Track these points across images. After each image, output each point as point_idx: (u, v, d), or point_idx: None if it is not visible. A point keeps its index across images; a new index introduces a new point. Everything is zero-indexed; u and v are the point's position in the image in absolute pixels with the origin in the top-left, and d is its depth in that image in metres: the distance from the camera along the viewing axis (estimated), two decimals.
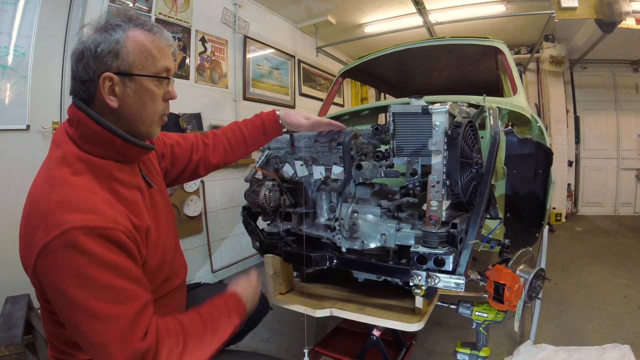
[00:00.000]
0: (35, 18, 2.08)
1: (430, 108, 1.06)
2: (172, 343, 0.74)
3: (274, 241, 1.41)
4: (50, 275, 0.65)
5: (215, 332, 0.84)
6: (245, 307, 0.96)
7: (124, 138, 0.78)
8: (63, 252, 0.64)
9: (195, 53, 2.98)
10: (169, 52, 0.84)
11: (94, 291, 0.65)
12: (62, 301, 0.66)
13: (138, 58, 0.77)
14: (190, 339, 0.78)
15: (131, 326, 0.68)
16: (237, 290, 0.98)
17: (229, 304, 0.92)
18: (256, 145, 1.29)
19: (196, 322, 0.82)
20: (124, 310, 0.67)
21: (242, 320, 0.94)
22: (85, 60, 0.74)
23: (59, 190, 0.68)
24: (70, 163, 0.73)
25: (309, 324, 2.10)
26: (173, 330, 0.77)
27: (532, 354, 1.64)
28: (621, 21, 3.05)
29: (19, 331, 1.46)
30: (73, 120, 0.77)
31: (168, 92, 0.84)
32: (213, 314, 0.87)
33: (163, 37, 0.82)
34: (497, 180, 1.47)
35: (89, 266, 0.65)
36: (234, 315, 0.91)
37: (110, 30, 0.76)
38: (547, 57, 4.83)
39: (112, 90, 0.76)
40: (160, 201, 0.95)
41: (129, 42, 0.76)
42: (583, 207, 5.45)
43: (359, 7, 3.92)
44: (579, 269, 3.07)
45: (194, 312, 0.85)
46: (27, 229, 0.69)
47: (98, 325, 0.65)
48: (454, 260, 1.00)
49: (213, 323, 0.85)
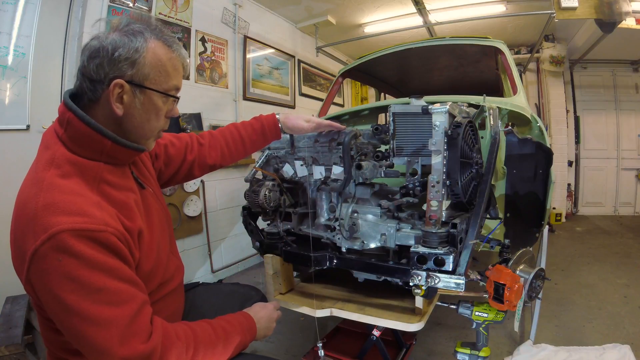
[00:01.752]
0: (35, 18, 2.09)
1: (430, 108, 1.06)
2: (182, 347, 0.73)
3: (274, 241, 1.41)
4: (42, 281, 0.64)
5: (227, 345, 0.84)
6: (256, 331, 0.96)
7: (113, 140, 0.76)
8: (52, 256, 0.62)
9: (195, 53, 2.98)
10: (182, 71, 0.83)
11: (87, 295, 0.64)
12: (57, 307, 0.65)
13: (153, 72, 0.76)
14: (202, 347, 0.77)
15: (130, 328, 0.67)
16: (252, 314, 0.98)
17: (242, 323, 0.92)
18: (254, 148, 1.27)
19: (208, 332, 0.82)
20: (121, 312, 0.66)
21: (250, 342, 0.94)
22: (100, 60, 0.72)
23: (46, 193, 0.66)
24: (58, 165, 0.71)
25: (308, 324, 2.10)
26: (183, 335, 0.76)
27: (532, 354, 1.64)
28: (621, 21, 3.06)
29: (19, 331, 1.46)
30: (62, 120, 0.75)
31: (171, 109, 0.84)
32: (226, 328, 0.86)
33: (181, 55, 0.82)
34: (497, 180, 1.47)
35: (80, 269, 0.63)
36: (246, 334, 0.91)
37: (130, 35, 0.74)
38: (547, 57, 4.83)
39: (120, 97, 0.74)
40: (153, 203, 0.93)
41: (148, 54, 0.75)
42: (583, 207, 5.45)
43: (359, 7, 3.92)
44: (579, 269, 3.07)
45: (206, 323, 0.85)
46: (17, 235, 0.68)
47: (96, 330, 0.64)
48: (454, 260, 1.00)
49: (225, 335, 0.84)
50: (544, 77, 5.10)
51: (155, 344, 0.69)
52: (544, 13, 3.12)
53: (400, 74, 3.22)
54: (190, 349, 0.75)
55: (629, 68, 5.18)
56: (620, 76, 5.21)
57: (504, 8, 3.79)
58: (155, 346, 0.69)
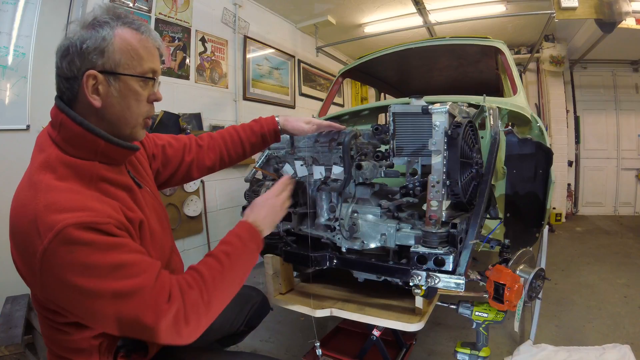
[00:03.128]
0: (35, 18, 2.08)
1: (430, 108, 1.06)
2: (196, 295, 0.74)
3: (274, 241, 1.41)
4: (59, 277, 0.64)
5: (234, 269, 0.83)
6: (259, 233, 0.94)
7: (107, 139, 0.76)
8: (63, 250, 0.63)
9: (195, 53, 2.98)
10: (156, 53, 0.81)
11: (107, 274, 0.65)
12: (79, 299, 0.65)
13: (124, 57, 0.75)
14: (212, 285, 0.78)
15: (155, 292, 0.68)
16: (248, 219, 0.96)
17: (242, 236, 0.90)
18: (253, 151, 1.27)
19: (213, 266, 0.81)
20: (142, 280, 0.68)
21: (261, 248, 0.93)
22: (70, 57, 0.72)
23: (44, 194, 0.66)
24: (54, 168, 0.71)
25: (309, 324, 2.10)
26: (193, 282, 0.76)
27: (532, 354, 1.64)
28: (621, 21, 3.06)
29: (19, 331, 1.46)
30: (55, 123, 0.75)
31: (153, 93, 0.82)
32: (229, 252, 0.85)
33: (151, 37, 0.80)
34: (497, 180, 1.47)
35: (93, 254, 0.64)
36: (250, 245, 0.90)
37: (97, 27, 0.73)
38: (547, 57, 4.83)
39: (95, 89, 0.74)
40: (151, 201, 0.93)
41: (116, 40, 0.73)
42: (583, 207, 5.45)
43: (359, 7, 3.92)
44: (579, 269, 3.07)
45: (209, 257, 0.84)
46: (17, 240, 0.67)
47: (125, 303, 0.65)
48: (454, 260, 1.00)
49: (231, 261, 0.83)
50: (544, 77, 5.10)
51: (178, 300, 0.71)
52: (544, 13, 3.12)
53: (400, 74, 3.22)
54: (203, 292, 0.76)
55: (629, 68, 5.17)
56: (620, 76, 5.21)
57: (504, 8, 3.79)
58: (178, 303, 0.70)
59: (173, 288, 0.72)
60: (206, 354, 1.02)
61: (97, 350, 0.77)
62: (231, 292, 0.83)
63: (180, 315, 0.70)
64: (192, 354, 0.98)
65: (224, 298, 0.81)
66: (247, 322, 1.29)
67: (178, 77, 2.83)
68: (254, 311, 1.30)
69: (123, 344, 0.83)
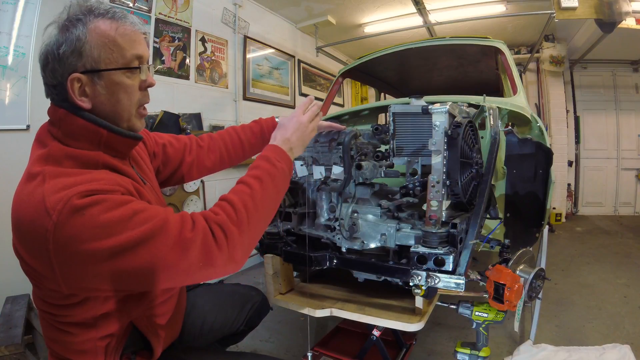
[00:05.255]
0: (35, 18, 2.08)
1: (430, 108, 1.06)
2: (223, 219, 0.73)
3: (274, 241, 1.41)
4: (76, 252, 0.61)
5: (266, 190, 0.82)
6: (288, 153, 0.92)
7: (109, 129, 0.74)
8: (74, 219, 0.61)
9: (195, 53, 2.98)
10: (138, 38, 0.77)
11: (123, 228, 0.63)
12: (104, 266, 0.62)
13: (103, 52, 0.71)
14: (242, 209, 0.75)
15: (176, 225, 0.67)
16: (275, 140, 0.94)
17: (270, 157, 0.88)
18: (253, 151, 1.26)
19: (243, 191, 0.79)
20: (158, 220, 0.67)
21: (292, 168, 0.92)
22: (51, 65, 0.70)
23: (50, 179, 0.65)
24: (58, 161, 0.69)
25: (309, 324, 2.10)
26: (220, 209, 0.75)
27: (532, 354, 1.64)
28: (621, 21, 3.06)
29: (19, 331, 1.46)
30: (55, 119, 0.74)
31: (144, 80, 0.79)
32: (258, 175, 0.83)
33: (128, 22, 0.75)
34: (497, 180, 1.47)
35: (104, 213, 0.63)
36: (279, 165, 0.87)
37: (70, 27, 0.70)
38: (547, 57, 4.83)
39: (82, 91, 0.72)
40: (155, 199, 0.92)
41: (91, 37, 0.70)
42: (583, 207, 5.45)
43: (359, 7, 3.92)
44: (579, 269, 3.07)
45: (239, 183, 0.83)
46: (23, 231, 0.65)
47: (148, 248, 0.64)
48: (454, 260, 1.00)
49: (261, 184, 0.82)
50: (544, 77, 5.10)
51: (202, 227, 0.69)
52: (544, 13, 3.12)
53: (400, 74, 3.22)
54: (232, 217, 0.74)
55: (629, 68, 5.18)
56: (620, 76, 5.21)
57: (504, 8, 3.79)
58: (203, 230, 0.69)
59: (196, 217, 0.71)
60: (208, 354, 1.02)
61: (104, 351, 0.76)
62: (267, 213, 0.81)
63: (209, 240, 0.69)
64: (195, 355, 0.98)
65: (259, 219, 0.78)
66: (247, 322, 1.29)
67: (178, 77, 2.83)
68: (254, 311, 1.30)
69: (129, 344, 0.82)
